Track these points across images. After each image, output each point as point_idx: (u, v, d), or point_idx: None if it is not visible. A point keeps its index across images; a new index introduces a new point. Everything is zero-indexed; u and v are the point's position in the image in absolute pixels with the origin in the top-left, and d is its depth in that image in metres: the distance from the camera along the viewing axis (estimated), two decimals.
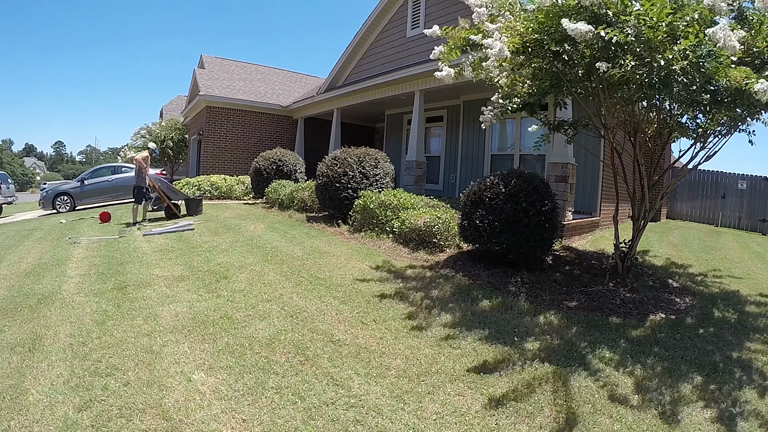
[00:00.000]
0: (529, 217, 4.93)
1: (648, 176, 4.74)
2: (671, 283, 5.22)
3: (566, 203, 6.87)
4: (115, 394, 2.64)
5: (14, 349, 3.23)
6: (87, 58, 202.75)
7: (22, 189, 51.74)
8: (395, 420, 2.51)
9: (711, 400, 2.81)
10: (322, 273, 5.06)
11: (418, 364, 3.13)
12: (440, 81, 4.65)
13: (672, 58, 3.23)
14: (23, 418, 2.42)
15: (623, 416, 2.61)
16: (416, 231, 6.07)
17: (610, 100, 4.31)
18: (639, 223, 4.87)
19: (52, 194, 12.02)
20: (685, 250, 7.56)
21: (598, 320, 3.95)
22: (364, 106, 12.47)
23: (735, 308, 4.54)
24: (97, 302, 4.14)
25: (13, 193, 15.55)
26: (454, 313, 4.05)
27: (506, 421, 2.55)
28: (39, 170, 76.64)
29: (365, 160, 7.89)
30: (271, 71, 19.36)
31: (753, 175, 11.60)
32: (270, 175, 11.16)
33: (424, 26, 10.30)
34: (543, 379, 2.98)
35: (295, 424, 2.43)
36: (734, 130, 4.29)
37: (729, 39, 2.88)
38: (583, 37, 3.25)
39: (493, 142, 10.09)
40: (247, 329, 3.56)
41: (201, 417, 2.45)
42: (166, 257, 5.70)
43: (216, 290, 4.44)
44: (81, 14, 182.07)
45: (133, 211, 8.59)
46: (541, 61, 4.07)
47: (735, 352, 3.48)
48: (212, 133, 14.48)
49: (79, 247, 6.51)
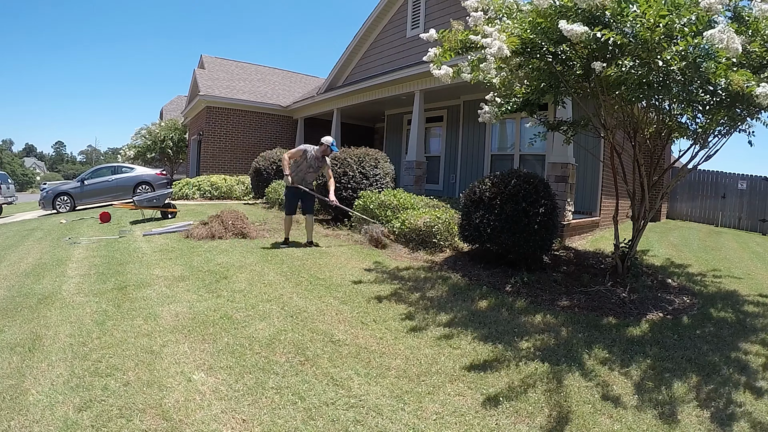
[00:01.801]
0: (529, 217, 4.93)
1: (648, 176, 4.75)
2: (671, 283, 5.22)
3: (566, 203, 6.88)
4: (115, 394, 2.64)
5: (14, 349, 3.23)
6: (87, 58, 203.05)
7: (22, 189, 51.71)
8: (395, 420, 2.51)
9: (710, 400, 2.81)
10: (322, 273, 5.06)
11: (418, 364, 3.14)
12: (440, 81, 4.66)
13: (670, 59, 3.23)
14: (23, 418, 2.43)
15: (623, 416, 2.62)
16: (416, 231, 6.07)
17: (609, 100, 4.31)
18: (639, 223, 4.87)
19: (52, 194, 12.01)
20: (685, 250, 7.57)
21: (597, 320, 3.95)
22: (364, 106, 12.47)
23: (735, 308, 4.55)
24: (97, 302, 4.14)
25: (13, 193, 15.55)
26: (454, 313, 4.05)
27: (506, 421, 2.55)
28: (39, 170, 76.63)
29: (365, 160, 7.90)
30: (271, 71, 19.36)
31: (753, 175, 11.60)
32: (270, 175, 11.16)
33: (425, 26, 10.31)
34: (543, 379, 2.99)
35: (295, 424, 2.43)
36: (734, 130, 4.29)
37: (732, 41, 2.87)
38: (579, 39, 3.26)
39: (493, 142, 10.09)
40: (247, 329, 3.56)
41: (201, 417, 2.46)
42: (166, 257, 5.70)
43: (216, 290, 4.44)
44: (81, 14, 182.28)
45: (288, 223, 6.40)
46: (538, 61, 4.08)
47: (734, 352, 3.49)
48: (212, 133, 14.48)
49: (79, 247, 6.51)
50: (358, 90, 11.61)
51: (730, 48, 2.88)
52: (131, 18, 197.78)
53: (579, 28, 3.20)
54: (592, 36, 3.24)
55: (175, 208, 9.17)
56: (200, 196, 12.64)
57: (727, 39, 2.85)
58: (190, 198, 12.55)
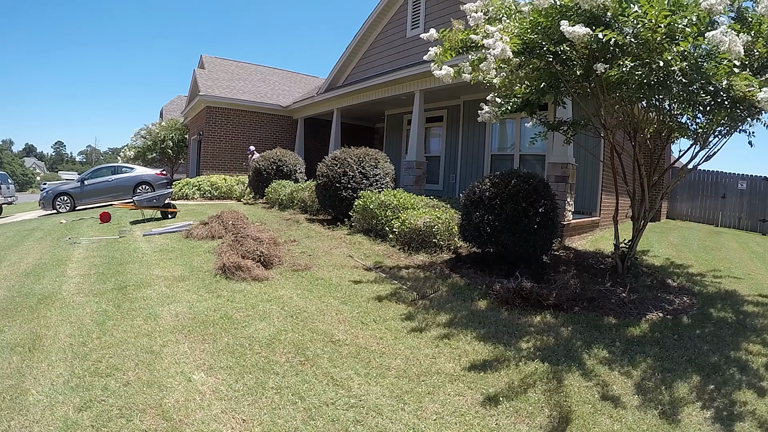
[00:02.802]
0: (529, 217, 4.93)
1: (648, 176, 4.75)
2: (671, 283, 5.22)
3: (566, 203, 6.88)
4: (115, 394, 2.64)
5: (14, 349, 3.23)
6: (87, 59, 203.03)
7: (22, 189, 51.68)
8: (395, 420, 2.51)
9: (710, 399, 2.81)
10: (321, 273, 5.06)
11: (418, 364, 3.14)
12: (440, 81, 4.66)
13: (671, 59, 3.23)
14: (23, 418, 2.43)
15: (623, 416, 2.62)
16: (416, 231, 6.07)
17: (609, 100, 4.31)
18: (639, 223, 4.87)
19: (52, 194, 12.00)
20: (685, 250, 7.56)
21: (597, 320, 3.95)
22: (364, 106, 12.47)
23: (735, 308, 4.55)
24: (97, 302, 4.14)
25: (13, 193, 15.53)
26: (453, 313, 4.05)
27: (506, 421, 2.55)
28: (39, 170, 76.59)
29: (365, 160, 7.89)
30: (271, 71, 19.36)
31: (753, 175, 11.59)
32: (270, 175, 11.16)
33: (425, 26, 10.30)
34: (542, 378, 2.99)
35: (295, 424, 2.43)
36: (734, 131, 4.30)
37: (734, 44, 2.86)
38: (581, 40, 3.25)
39: (493, 142, 10.09)
40: (247, 329, 3.56)
41: (201, 417, 2.46)
42: (166, 257, 5.70)
43: (216, 290, 4.44)
44: (81, 14, 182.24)
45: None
46: (538, 61, 4.08)
47: (734, 352, 3.49)
48: (212, 133, 14.48)
49: (79, 247, 6.51)
50: (358, 90, 11.61)
51: (732, 51, 2.88)
52: (131, 18, 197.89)
53: (581, 30, 3.20)
54: (594, 37, 3.24)
55: (175, 208, 9.17)
56: (200, 196, 12.64)
57: (729, 42, 2.84)
58: (190, 198, 12.55)
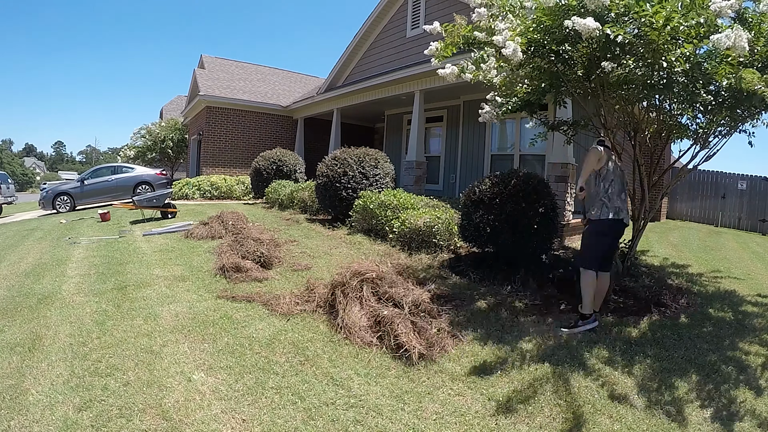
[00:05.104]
0: (529, 217, 4.93)
1: (648, 176, 4.74)
2: (671, 283, 5.22)
3: (566, 203, 6.88)
4: (115, 394, 2.64)
5: (14, 349, 3.23)
6: (87, 59, 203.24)
7: (22, 189, 51.68)
8: (395, 420, 2.51)
9: (710, 399, 2.81)
10: (321, 273, 5.06)
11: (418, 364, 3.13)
12: (440, 81, 4.66)
13: (675, 60, 3.22)
14: (23, 418, 2.43)
15: (623, 416, 2.62)
16: (416, 231, 6.07)
17: (610, 100, 4.30)
18: (639, 223, 4.86)
19: (52, 194, 12.01)
20: (685, 250, 7.56)
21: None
22: (364, 106, 12.47)
23: (734, 308, 4.55)
24: (97, 302, 4.14)
25: (13, 193, 15.53)
26: (453, 312, 4.05)
27: (506, 421, 2.55)
28: (39, 170, 76.55)
29: (365, 160, 7.89)
30: (271, 71, 19.35)
31: (753, 175, 11.58)
32: (270, 175, 11.16)
33: (425, 26, 10.30)
34: (542, 378, 2.99)
35: (295, 424, 2.43)
36: (734, 131, 4.29)
37: (740, 39, 2.84)
38: (590, 34, 3.23)
39: (493, 142, 10.09)
40: (247, 329, 3.56)
41: (201, 417, 2.46)
42: (166, 257, 5.70)
43: (216, 290, 4.44)
44: (81, 14, 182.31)
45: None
46: (540, 60, 4.07)
47: (733, 351, 3.48)
48: (212, 133, 14.48)
49: (79, 247, 6.51)
50: (358, 90, 11.60)
51: (738, 46, 2.85)
52: (131, 18, 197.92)
53: (592, 23, 3.17)
54: (602, 33, 3.22)
55: (175, 208, 9.17)
56: (200, 196, 12.64)
57: (735, 37, 2.82)
58: (190, 198, 12.55)
